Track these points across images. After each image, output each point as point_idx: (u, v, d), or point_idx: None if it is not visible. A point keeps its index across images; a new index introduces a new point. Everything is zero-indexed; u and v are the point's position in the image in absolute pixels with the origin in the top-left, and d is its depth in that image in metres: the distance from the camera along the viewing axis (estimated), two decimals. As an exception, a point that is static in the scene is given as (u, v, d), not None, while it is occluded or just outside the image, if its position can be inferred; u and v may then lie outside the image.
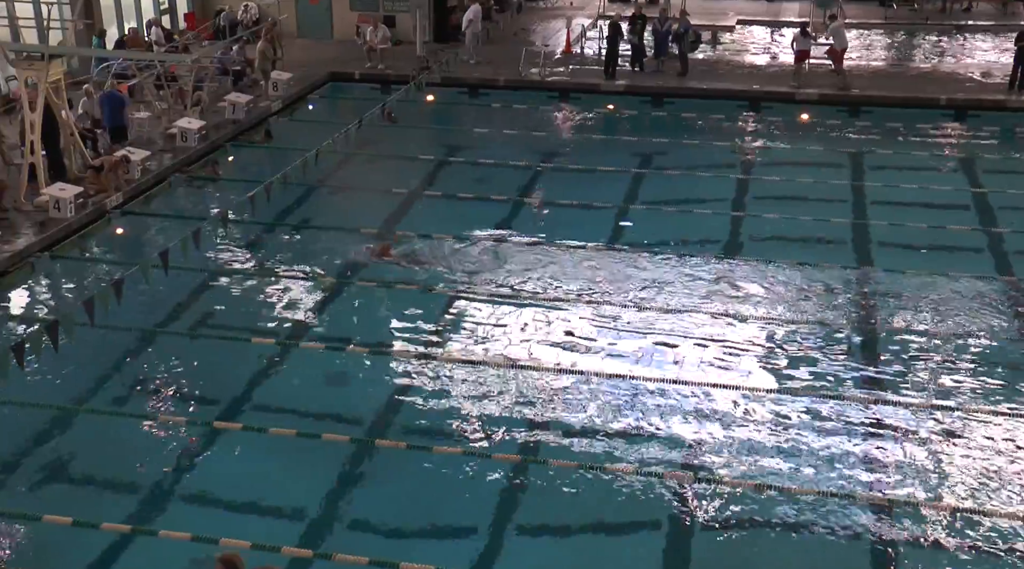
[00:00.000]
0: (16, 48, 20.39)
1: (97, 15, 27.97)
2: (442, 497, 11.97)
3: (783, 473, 12.28)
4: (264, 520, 11.61)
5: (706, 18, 34.34)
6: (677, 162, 22.89)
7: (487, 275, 17.34)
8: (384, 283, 17.02)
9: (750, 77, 28.74)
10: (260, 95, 26.40)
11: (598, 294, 16.70)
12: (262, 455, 12.68)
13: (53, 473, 12.48)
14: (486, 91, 28.27)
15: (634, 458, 12.54)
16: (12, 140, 21.14)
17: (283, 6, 32.11)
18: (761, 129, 26.01)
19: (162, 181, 21.21)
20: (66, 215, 18.57)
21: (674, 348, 15.08)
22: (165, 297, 16.30)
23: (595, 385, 14.08)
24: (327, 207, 21.04)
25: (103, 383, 14.34)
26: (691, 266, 17.65)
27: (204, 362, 14.87)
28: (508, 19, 35.66)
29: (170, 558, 10.78)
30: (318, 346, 15.15)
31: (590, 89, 28.00)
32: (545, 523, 11.71)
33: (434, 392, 13.98)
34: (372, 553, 10.71)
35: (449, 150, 24.47)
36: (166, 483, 12.19)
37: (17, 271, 17.15)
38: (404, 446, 12.76)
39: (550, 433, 13.10)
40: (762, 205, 20.40)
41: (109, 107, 22.03)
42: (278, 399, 13.99)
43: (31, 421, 13.31)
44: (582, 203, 20.33)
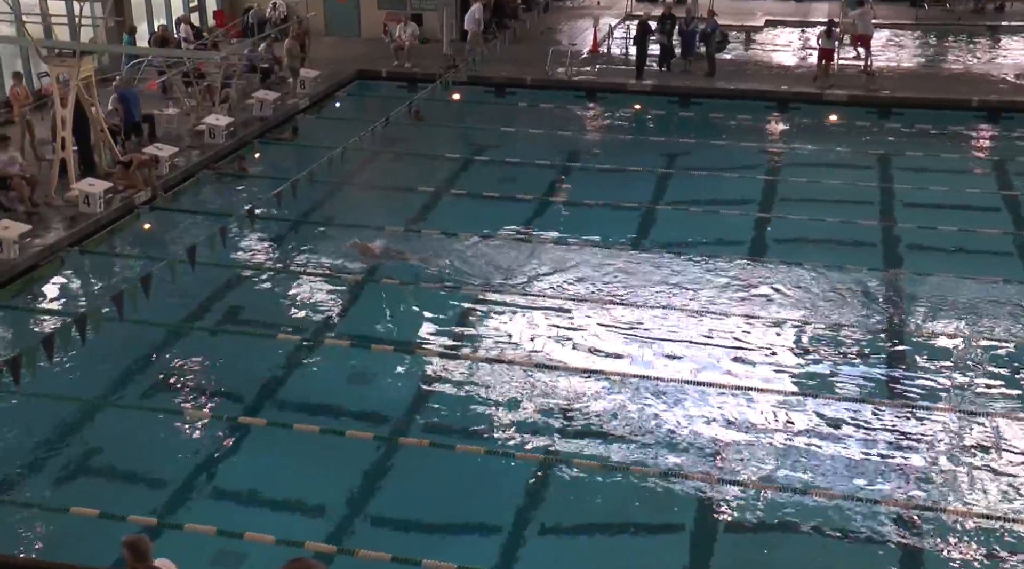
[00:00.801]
0: (48, 45, 20.58)
1: (128, 12, 28.16)
2: (465, 495, 11.98)
3: (807, 476, 12.22)
4: (288, 515, 11.67)
5: (735, 18, 34.20)
6: (704, 162, 22.81)
7: (512, 274, 17.34)
8: (409, 281, 17.05)
9: (778, 78, 28.60)
10: (288, 92, 26.51)
11: (623, 294, 16.67)
12: (286, 451, 12.75)
13: (80, 466, 12.60)
14: (513, 90, 28.27)
15: (657, 459, 12.51)
16: (43, 136, 21.32)
17: (311, 4, 32.23)
18: (788, 130, 25.90)
19: (190, 177, 21.33)
20: (95, 210, 18.72)
21: (698, 350, 15.03)
22: (192, 293, 16.38)
23: (619, 385, 14.06)
24: (353, 205, 21.09)
25: (130, 377, 14.44)
26: (717, 267, 17.59)
27: (230, 358, 14.96)
28: (535, 18, 35.65)
29: (195, 552, 10.84)
30: (343, 343, 15.21)
31: (617, 89, 27.95)
32: (568, 523, 11.71)
33: (458, 390, 14.01)
34: (395, 550, 10.75)
35: (475, 149, 24.49)
36: (191, 477, 12.27)
37: (47, 265, 17.30)
38: (427, 444, 12.80)
39: (573, 433, 13.08)
40: (789, 206, 20.30)
41: (124, 104, 22.10)
42: (302, 396, 14.05)
43: (59, 414, 13.42)
44: (608, 203, 20.29)
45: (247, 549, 10.91)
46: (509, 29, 32.60)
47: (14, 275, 16.68)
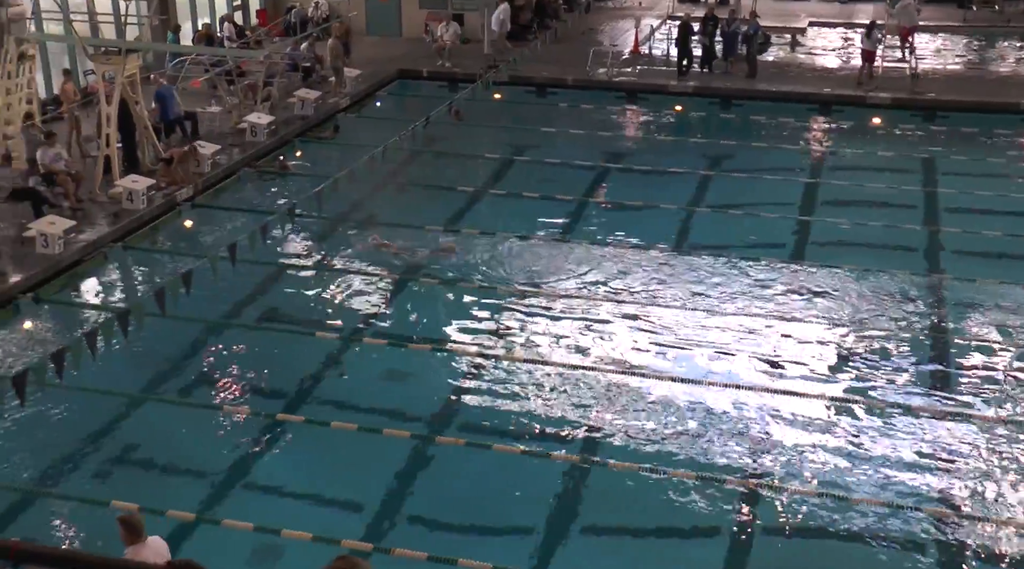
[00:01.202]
0: (94, 43, 20.82)
1: (172, 11, 28.43)
2: (501, 495, 11.98)
3: (846, 482, 12.11)
4: (325, 513, 11.74)
5: (778, 19, 33.97)
6: (744, 165, 22.68)
7: (550, 274, 17.33)
8: (447, 281, 17.09)
9: (821, 80, 28.37)
10: (329, 91, 26.65)
11: (661, 296, 16.61)
12: (324, 449, 12.82)
13: (121, 459, 12.74)
14: (553, 90, 28.25)
15: (695, 462, 12.45)
16: (88, 133, 21.58)
17: (353, 3, 32.39)
18: (831, 133, 25.69)
19: (231, 175, 21.50)
20: (138, 207, 18.91)
21: (737, 353, 14.95)
22: (232, 289, 16.51)
23: (657, 387, 14.00)
24: (393, 204, 21.16)
25: (170, 373, 14.57)
26: (757, 270, 17.48)
27: (269, 355, 15.06)
28: (576, 18, 35.61)
29: (233, 547, 10.93)
30: (381, 342, 15.26)
31: (658, 90, 27.84)
32: (603, 525, 11.68)
33: (495, 390, 14.02)
34: (431, 549, 10.76)
35: (515, 149, 24.49)
36: (230, 473, 12.36)
37: (91, 261, 17.50)
38: (463, 443, 12.80)
39: (610, 434, 13.05)
40: (830, 210, 20.13)
41: (160, 102, 22.27)
42: (340, 393, 14.12)
43: (102, 408, 13.58)
44: (647, 204, 20.22)
45: (284, 545, 10.98)
46: (550, 29, 32.59)
47: (59, 270, 16.89)
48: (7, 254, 17.02)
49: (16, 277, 16.26)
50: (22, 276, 16.31)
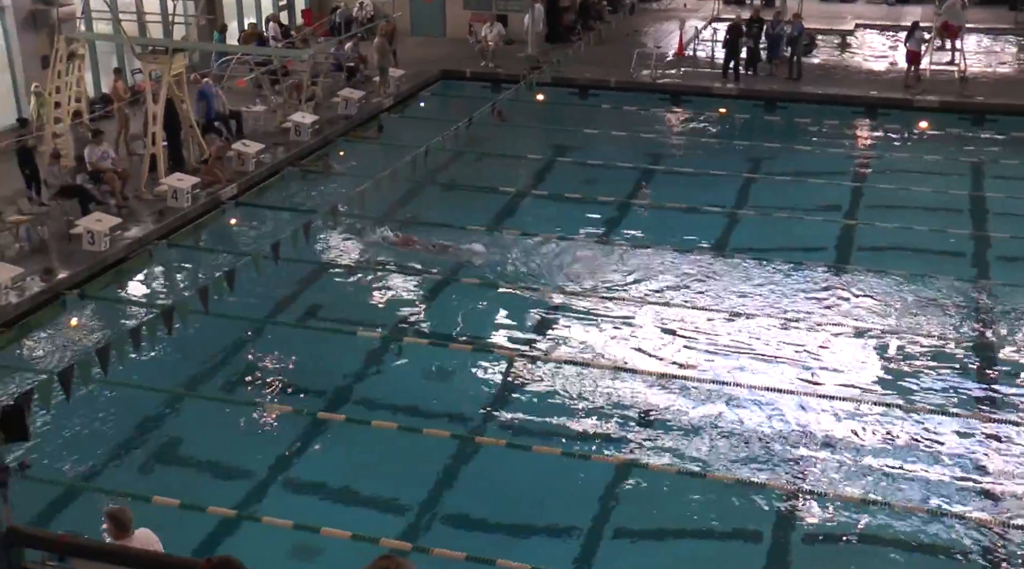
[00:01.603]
0: (142, 42, 21.03)
1: (219, 11, 28.67)
2: (540, 497, 11.95)
3: (889, 488, 11.96)
4: (364, 511, 11.76)
5: (825, 22, 33.68)
6: (788, 168, 22.48)
7: (592, 276, 17.28)
8: (489, 282, 17.08)
9: (867, 83, 28.10)
10: (373, 91, 26.75)
11: (703, 299, 16.51)
12: (364, 447, 12.84)
13: (163, 455, 12.85)
14: (596, 92, 28.17)
15: (736, 466, 12.36)
16: (134, 131, 21.79)
17: (397, 4, 32.48)
18: (877, 136, 25.42)
19: (275, 174, 21.63)
20: (183, 205, 19.07)
21: (779, 356, 14.81)
22: (275, 288, 16.60)
23: (698, 391, 13.91)
24: (435, 204, 21.19)
25: (213, 370, 14.69)
26: (800, 274, 17.32)
27: (310, 353, 15.13)
28: (621, 20, 35.49)
29: (272, 545, 10.98)
30: (422, 341, 15.28)
31: (702, 92, 27.68)
32: (642, 527, 11.62)
33: (535, 391, 13.99)
34: (469, 549, 10.75)
35: (558, 150, 24.46)
36: (270, 471, 12.42)
37: (136, 258, 17.67)
38: (504, 444, 12.79)
39: (651, 438, 12.99)
40: (876, 214, 19.90)
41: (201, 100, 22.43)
42: (381, 393, 14.15)
43: (145, 404, 13.70)
44: (690, 207, 20.11)
45: (323, 544, 11.01)
46: (594, 31, 32.52)
47: (104, 267, 17.07)
48: (55, 250, 17.23)
49: (63, 273, 16.46)
50: (69, 272, 16.50)
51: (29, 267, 16.32)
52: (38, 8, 22.59)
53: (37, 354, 15.03)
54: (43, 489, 11.61)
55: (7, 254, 16.75)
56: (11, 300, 15.41)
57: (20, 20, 22.44)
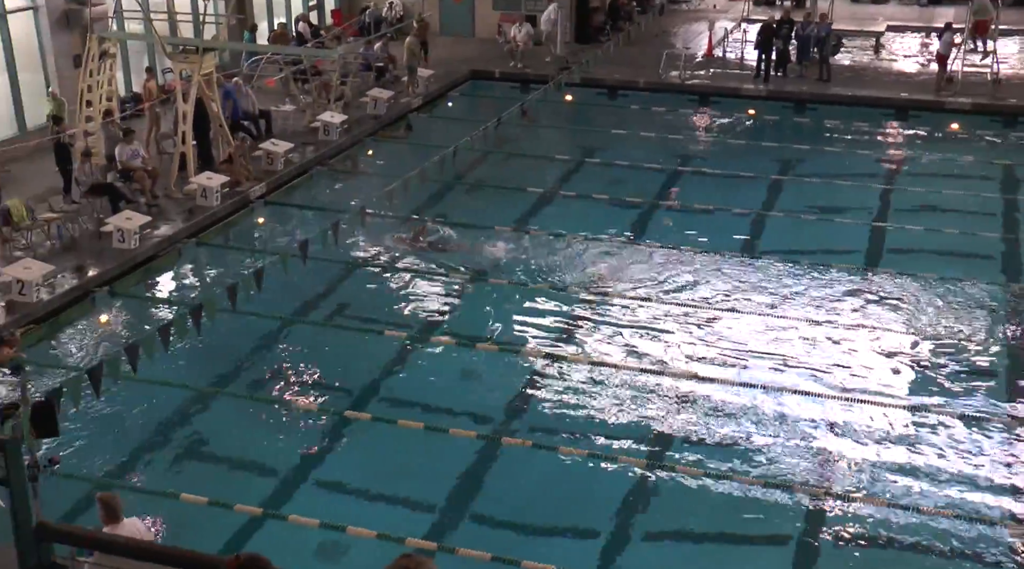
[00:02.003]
0: (173, 42, 21.17)
1: (249, 11, 28.80)
2: (566, 498, 11.93)
3: (917, 493, 11.87)
4: (390, 510, 11.78)
5: (855, 23, 33.45)
6: (818, 170, 22.34)
7: (619, 277, 17.24)
8: (516, 282, 17.08)
9: (898, 84, 27.88)
10: (401, 91, 26.80)
11: (731, 301, 16.43)
12: (390, 446, 12.87)
13: (191, 453, 12.92)
14: (625, 93, 28.10)
15: (762, 468, 12.30)
16: (164, 130, 21.93)
17: (427, 4, 32.53)
18: (907, 138, 25.23)
19: (304, 173, 21.71)
20: (212, 203, 19.18)
21: (807, 359, 14.73)
22: (303, 286, 16.66)
23: (725, 393, 13.85)
24: (463, 203, 21.20)
25: (241, 368, 14.76)
26: (829, 277, 17.22)
27: (337, 352, 15.17)
28: (650, 21, 35.39)
29: (298, 543, 11.02)
30: (449, 341, 15.29)
31: (731, 93, 27.57)
32: (668, 529, 11.59)
33: (562, 392, 13.97)
34: (495, 550, 10.75)
35: (586, 151, 24.42)
36: (297, 469, 12.47)
37: (165, 256, 17.78)
38: (530, 445, 12.78)
39: (677, 439, 12.94)
40: (906, 216, 19.75)
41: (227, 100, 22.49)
42: (408, 392, 14.17)
43: (173, 401, 13.78)
44: (718, 208, 20.03)
45: (349, 543, 11.04)
46: (623, 31, 32.45)
47: (134, 265, 17.19)
48: (85, 248, 17.37)
49: (93, 271, 16.58)
50: (99, 270, 16.63)
51: (60, 264, 16.46)
52: (71, 8, 22.78)
53: (67, 351, 15.15)
54: (72, 485, 11.69)
55: (39, 251, 16.89)
56: (42, 297, 15.54)
57: (53, 20, 22.64)
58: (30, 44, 22.59)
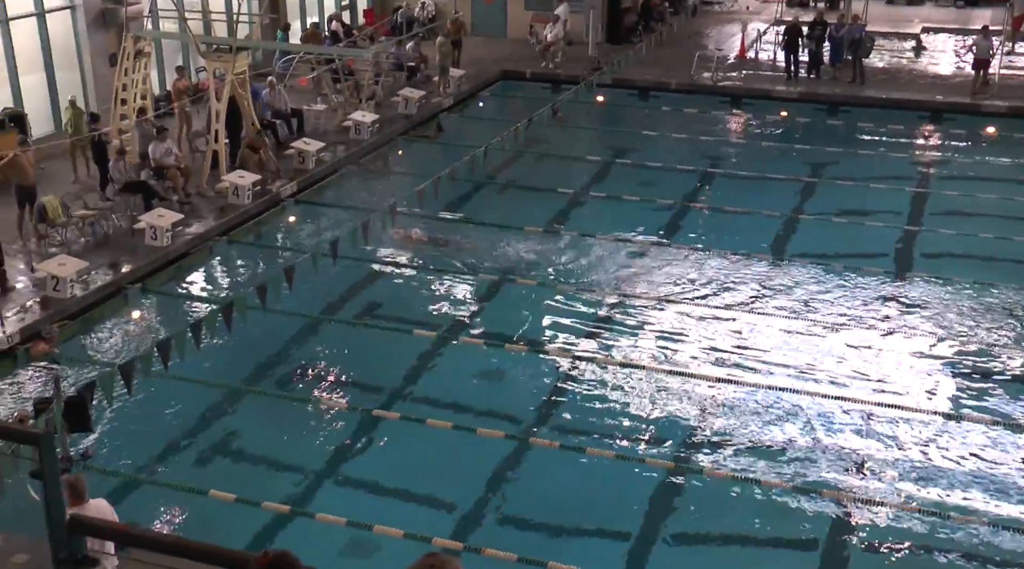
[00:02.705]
0: (207, 41, 21.32)
1: (282, 10, 28.96)
2: (593, 499, 11.92)
3: (949, 499, 11.77)
4: (417, 510, 11.80)
5: (891, 25, 33.21)
6: (850, 172, 22.17)
7: (648, 278, 17.20)
8: (545, 283, 17.07)
9: (933, 87, 27.65)
10: (433, 91, 26.86)
11: (760, 303, 16.36)
12: (418, 446, 12.89)
13: (221, 449, 13.00)
14: (657, 94, 28.04)
15: (791, 472, 12.23)
16: (197, 128, 22.07)
17: (459, 4, 32.59)
18: (942, 141, 25.03)
19: (335, 172, 21.80)
20: (244, 202, 19.30)
21: (838, 363, 14.63)
22: (332, 285, 16.73)
23: (754, 396, 13.79)
24: (493, 203, 21.22)
25: (270, 366, 14.83)
26: (860, 280, 17.10)
27: (366, 351, 15.22)
28: (682, 22, 35.29)
29: (326, 541, 11.06)
30: (478, 341, 15.31)
31: (763, 95, 27.45)
32: (696, 532, 11.55)
33: (590, 393, 13.96)
34: (521, 551, 10.75)
35: (617, 152, 24.38)
36: (324, 467, 12.53)
37: (197, 253, 17.91)
38: (557, 446, 12.77)
39: (705, 441, 12.90)
40: (939, 220, 19.59)
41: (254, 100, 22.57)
42: (436, 391, 14.20)
43: (203, 398, 13.88)
44: (749, 210, 19.94)
45: (376, 541, 11.07)
46: (655, 32, 32.37)
47: (166, 262, 17.33)
48: (118, 245, 17.52)
49: (126, 267, 16.73)
50: (132, 266, 16.77)
51: (94, 261, 16.62)
52: (108, 7, 23.00)
53: (99, 347, 15.29)
54: (104, 479, 11.80)
55: (73, 248, 17.06)
56: (76, 293, 15.69)
57: (90, 19, 22.86)
58: (67, 43, 22.83)
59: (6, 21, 21.28)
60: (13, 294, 15.69)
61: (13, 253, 16.83)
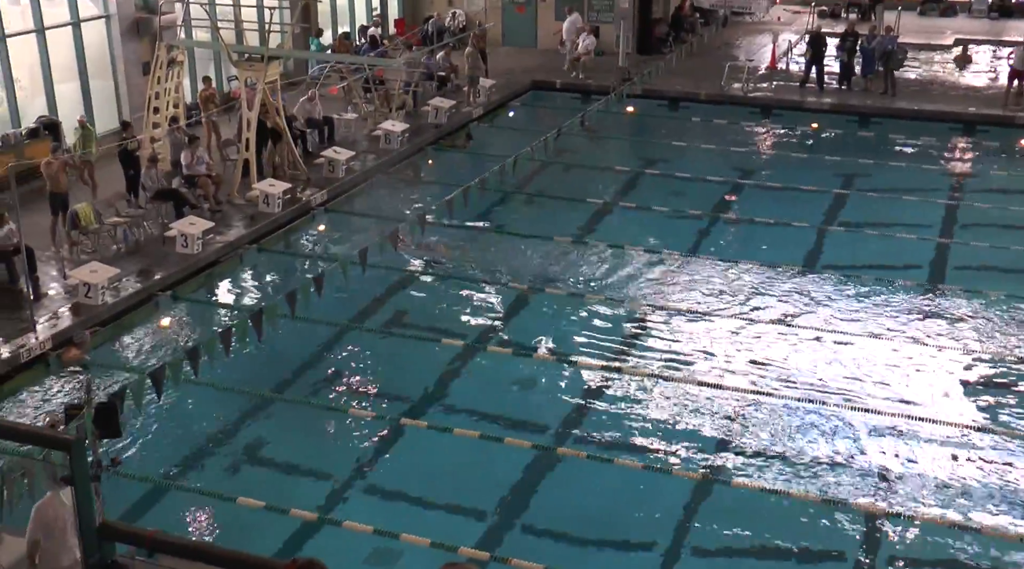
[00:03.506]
0: (239, 50, 21.48)
1: (314, 20, 29.13)
2: (620, 510, 11.87)
3: (979, 514, 11.64)
4: (444, 519, 11.79)
5: (923, 36, 33.03)
6: (881, 184, 22.05)
7: (677, 289, 17.15)
8: (574, 293, 17.06)
9: (965, 99, 27.47)
10: (462, 101, 26.92)
11: (790, 315, 16.26)
12: (445, 454, 12.90)
13: (249, 457, 13.05)
14: (687, 104, 27.99)
15: (820, 485, 12.15)
16: (227, 137, 22.22)
17: (490, 14, 32.67)
18: (974, 154, 24.83)
19: (365, 181, 21.88)
20: (274, 210, 19.40)
21: (869, 376, 14.52)
22: (361, 294, 16.78)
23: (783, 408, 13.71)
24: (522, 213, 21.23)
25: (299, 373, 14.87)
26: (891, 293, 16.97)
27: (394, 359, 15.25)
28: (713, 32, 35.25)
29: (352, 549, 11.08)
30: (505, 351, 15.30)
31: (794, 106, 27.35)
32: (723, 544, 11.46)
33: (618, 404, 13.92)
34: (548, 561, 10.71)
35: (646, 162, 24.34)
36: (352, 475, 12.55)
37: (227, 261, 18.00)
38: (584, 456, 12.73)
39: (734, 453, 12.83)
40: (971, 233, 19.43)
41: None
42: (463, 400, 14.19)
43: (232, 405, 13.93)
44: (779, 222, 19.85)
45: (402, 549, 11.07)
46: (686, 43, 32.34)
47: (197, 269, 17.43)
48: (150, 252, 17.65)
49: (157, 275, 16.84)
50: (162, 274, 16.88)
51: (125, 268, 16.74)
52: (141, 17, 23.23)
53: (130, 353, 15.39)
54: (133, 486, 11.88)
55: (105, 255, 17.20)
56: (107, 300, 15.81)
57: (124, 28, 23.10)
58: (102, 52, 23.08)
59: (43, 31, 21.53)
60: (45, 300, 15.83)
61: (46, 260, 16.99)
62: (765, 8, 37.42)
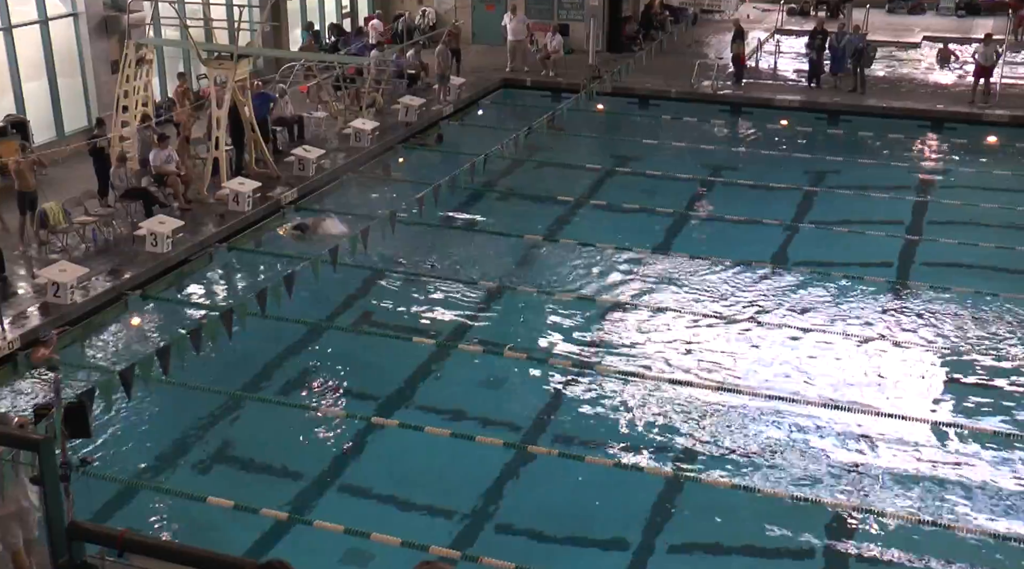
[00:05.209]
0: (209, 48, 21.36)
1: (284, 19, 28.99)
2: (591, 508, 11.91)
3: (949, 510, 11.75)
4: (414, 518, 11.78)
5: (891, 34, 33.27)
6: (850, 181, 22.20)
7: (648, 287, 17.21)
8: (545, 291, 17.09)
9: (933, 96, 27.72)
10: (433, 99, 26.89)
11: (761, 313, 16.36)
12: (416, 453, 12.88)
13: (219, 456, 13.00)
14: (657, 102, 28.08)
15: (792, 482, 12.22)
16: (197, 135, 22.08)
17: (459, 12, 32.65)
18: (943, 151, 25.05)
19: (335, 179, 21.82)
20: (244, 209, 19.32)
21: (838, 373, 14.63)
22: (332, 292, 16.73)
23: (754, 405, 13.79)
24: (492, 211, 21.22)
25: (269, 372, 14.82)
26: (860, 289, 17.10)
27: (365, 358, 15.22)
28: (682, 31, 35.38)
29: (323, 549, 11.05)
30: (476, 349, 15.31)
31: (763, 104, 27.49)
32: (694, 542, 11.52)
33: (589, 402, 13.95)
34: (519, 559, 10.70)
35: (616, 160, 24.39)
36: (323, 474, 12.51)
37: (197, 260, 17.91)
38: (556, 454, 12.75)
39: (704, 450, 12.89)
40: (940, 230, 19.60)
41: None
42: (434, 399, 14.19)
43: (202, 405, 13.86)
44: (750, 219, 19.95)
45: (373, 549, 11.05)
46: (656, 41, 32.44)
47: (166, 268, 17.33)
48: (119, 251, 17.53)
49: (126, 274, 16.74)
50: (132, 273, 16.78)
51: (94, 267, 16.63)
52: (110, 15, 23.06)
53: (99, 353, 15.30)
54: (103, 486, 11.78)
55: (74, 254, 17.07)
56: (76, 299, 15.70)
57: (92, 27, 22.93)
58: (70, 50, 22.91)
59: (10, 29, 21.34)
60: (14, 299, 15.71)
61: (14, 259, 16.86)
62: (735, 6, 37.60)
